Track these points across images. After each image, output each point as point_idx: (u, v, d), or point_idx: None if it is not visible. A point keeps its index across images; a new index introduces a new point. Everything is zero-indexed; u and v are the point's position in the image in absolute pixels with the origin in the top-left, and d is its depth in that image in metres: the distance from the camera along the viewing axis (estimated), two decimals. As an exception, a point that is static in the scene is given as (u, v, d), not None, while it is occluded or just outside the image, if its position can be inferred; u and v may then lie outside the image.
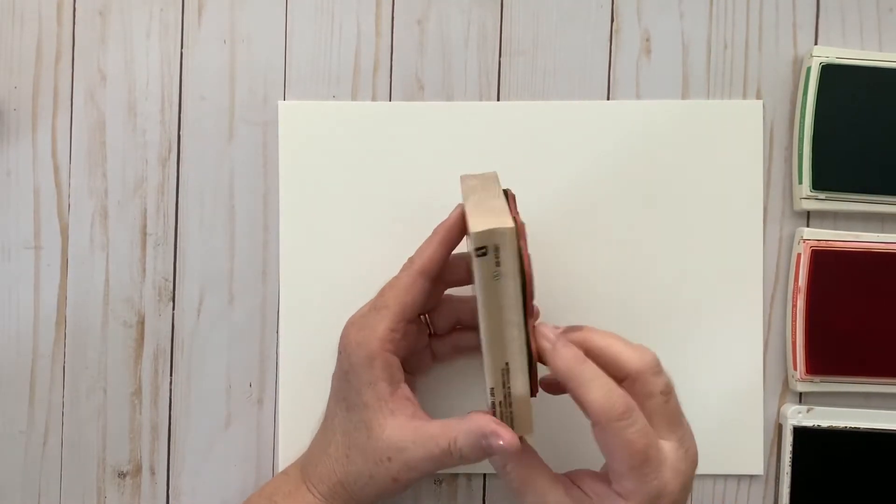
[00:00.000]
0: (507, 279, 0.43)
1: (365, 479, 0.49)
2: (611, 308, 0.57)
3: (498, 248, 0.43)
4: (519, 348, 0.44)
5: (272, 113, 0.57)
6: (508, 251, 0.43)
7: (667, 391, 0.46)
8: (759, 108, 0.57)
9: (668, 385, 0.46)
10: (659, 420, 0.46)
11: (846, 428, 0.56)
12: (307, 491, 0.51)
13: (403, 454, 0.48)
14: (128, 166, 0.57)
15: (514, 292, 0.44)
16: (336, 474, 0.50)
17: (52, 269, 0.57)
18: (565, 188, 0.57)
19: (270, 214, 0.57)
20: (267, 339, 0.57)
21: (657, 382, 0.46)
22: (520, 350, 0.44)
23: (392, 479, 0.48)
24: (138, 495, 0.57)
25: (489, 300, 0.44)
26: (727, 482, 0.57)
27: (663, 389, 0.46)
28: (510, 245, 0.43)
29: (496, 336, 0.44)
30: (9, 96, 0.57)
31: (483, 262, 0.43)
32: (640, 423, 0.44)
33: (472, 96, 0.57)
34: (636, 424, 0.44)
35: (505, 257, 0.43)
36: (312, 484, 0.51)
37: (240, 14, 0.57)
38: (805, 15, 0.57)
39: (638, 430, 0.44)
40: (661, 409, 0.46)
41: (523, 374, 0.45)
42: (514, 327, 0.44)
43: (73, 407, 0.57)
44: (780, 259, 0.57)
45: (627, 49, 0.57)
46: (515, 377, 0.45)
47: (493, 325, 0.44)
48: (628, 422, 0.44)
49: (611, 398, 0.44)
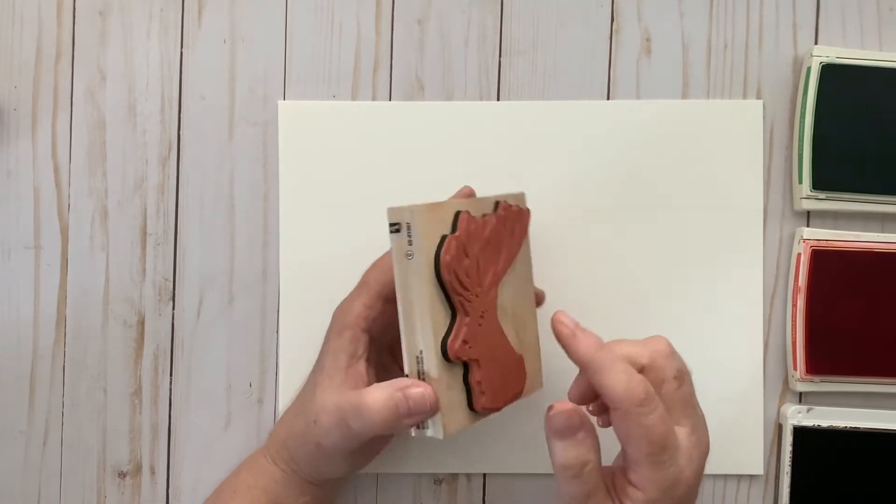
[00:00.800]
0: (419, 258, 0.45)
1: (301, 439, 0.50)
2: (610, 307, 0.57)
3: (410, 226, 0.44)
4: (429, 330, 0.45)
5: (272, 113, 0.57)
6: (419, 231, 0.44)
7: (679, 375, 0.46)
8: (759, 108, 0.57)
9: (680, 370, 0.46)
10: (673, 406, 0.46)
11: (846, 428, 0.56)
12: (261, 455, 0.53)
13: (324, 415, 0.48)
14: (128, 166, 0.57)
15: (426, 274, 0.45)
16: (282, 434, 0.52)
17: (52, 269, 0.57)
18: (565, 188, 0.56)
19: (270, 214, 0.57)
20: (267, 339, 0.57)
21: (669, 367, 0.46)
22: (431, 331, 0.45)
23: (315, 444, 0.49)
24: (138, 495, 0.57)
25: (402, 279, 0.45)
26: (727, 482, 0.57)
27: (676, 374, 0.46)
28: (421, 225, 0.44)
29: (408, 317, 0.45)
30: (9, 96, 0.57)
31: (396, 239, 0.45)
32: (659, 410, 0.44)
33: (472, 96, 0.57)
34: (656, 411, 0.44)
35: (416, 236, 0.44)
36: (266, 447, 0.53)
37: (240, 14, 0.57)
38: (805, 15, 0.57)
39: (658, 416, 0.44)
40: (675, 394, 0.46)
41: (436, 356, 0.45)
42: (424, 309, 0.45)
43: (73, 407, 0.57)
44: (780, 259, 0.57)
45: (627, 49, 0.57)
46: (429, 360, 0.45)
47: (406, 305, 0.45)
48: (649, 408, 0.44)
49: (631, 384, 0.44)
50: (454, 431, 0.46)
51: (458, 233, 0.46)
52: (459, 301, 0.46)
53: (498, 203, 0.49)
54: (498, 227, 0.49)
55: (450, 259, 0.45)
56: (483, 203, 0.49)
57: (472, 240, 0.47)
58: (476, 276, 0.47)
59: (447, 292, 0.46)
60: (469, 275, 0.46)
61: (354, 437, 0.48)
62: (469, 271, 0.46)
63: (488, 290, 0.48)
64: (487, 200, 0.49)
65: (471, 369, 0.47)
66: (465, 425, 0.47)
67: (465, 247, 0.46)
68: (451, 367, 0.46)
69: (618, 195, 0.57)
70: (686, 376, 0.46)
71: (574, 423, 0.45)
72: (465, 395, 0.47)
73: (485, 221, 0.48)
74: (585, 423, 0.45)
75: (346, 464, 0.50)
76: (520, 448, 0.56)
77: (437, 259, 0.45)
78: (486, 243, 0.48)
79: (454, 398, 0.46)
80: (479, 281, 0.47)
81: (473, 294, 0.47)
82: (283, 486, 0.52)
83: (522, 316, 0.51)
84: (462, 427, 0.47)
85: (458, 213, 0.46)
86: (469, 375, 0.47)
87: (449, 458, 0.57)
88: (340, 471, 0.51)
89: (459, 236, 0.46)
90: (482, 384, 0.47)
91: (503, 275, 0.49)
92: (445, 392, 0.46)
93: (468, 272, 0.46)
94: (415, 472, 0.57)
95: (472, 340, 0.46)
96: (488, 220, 0.48)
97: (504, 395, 0.48)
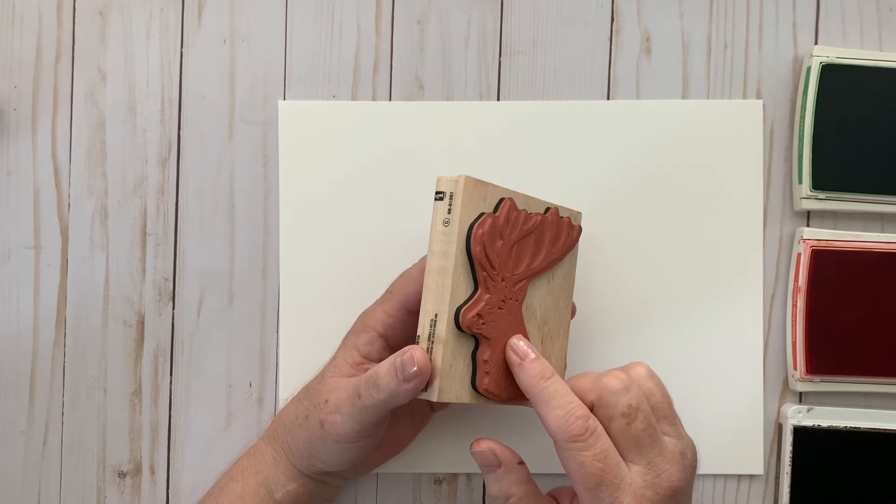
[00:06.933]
0: (454, 226, 0.46)
1: (301, 418, 0.51)
2: (610, 307, 0.57)
3: (453, 195, 0.46)
4: (448, 295, 0.46)
5: (272, 113, 0.57)
6: (460, 201, 0.46)
7: (630, 412, 0.45)
8: (759, 108, 0.57)
9: (630, 407, 0.45)
10: (623, 443, 0.45)
11: (846, 428, 0.56)
12: (261, 439, 0.54)
13: (335, 394, 0.49)
14: (128, 166, 0.57)
15: (457, 242, 0.46)
16: (283, 416, 0.53)
17: (52, 269, 0.57)
18: (565, 188, 0.56)
19: (270, 214, 0.57)
20: (267, 339, 0.57)
21: (617, 404, 0.45)
22: (448, 302, 0.46)
23: (319, 423, 0.49)
24: (138, 495, 0.57)
25: (433, 244, 0.47)
26: (727, 482, 0.57)
27: (624, 412, 0.45)
28: (464, 197, 0.46)
29: (432, 281, 0.47)
30: (9, 96, 0.57)
31: (438, 206, 0.47)
32: (597, 447, 0.44)
33: (472, 96, 0.57)
34: (593, 448, 0.44)
35: (456, 205, 0.46)
36: (266, 432, 0.54)
37: (240, 14, 0.57)
38: (805, 15, 0.57)
39: (594, 453, 0.44)
40: (624, 431, 0.45)
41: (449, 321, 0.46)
42: (448, 275, 0.46)
43: (72, 407, 0.57)
44: (780, 259, 0.57)
45: (627, 49, 0.57)
46: (441, 324, 0.46)
47: (431, 269, 0.47)
48: (583, 444, 0.44)
49: (568, 419, 0.44)
50: (448, 398, 0.46)
51: (497, 214, 0.47)
52: (484, 277, 0.47)
53: (549, 208, 0.50)
54: (541, 228, 0.50)
55: (482, 233, 0.46)
56: (535, 202, 0.50)
57: (510, 226, 0.48)
58: (506, 262, 0.48)
59: (473, 266, 0.46)
60: (499, 256, 0.47)
61: (362, 410, 0.48)
62: (500, 253, 0.47)
63: (517, 281, 0.48)
64: (541, 202, 0.50)
65: (480, 346, 0.47)
66: (463, 399, 0.47)
67: (500, 230, 0.47)
68: (461, 337, 0.47)
69: (617, 195, 0.57)
70: (639, 413, 0.45)
71: (489, 462, 0.47)
72: (471, 371, 0.47)
73: (529, 216, 0.49)
74: (505, 460, 0.47)
75: (339, 454, 0.50)
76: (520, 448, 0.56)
77: (470, 231, 0.46)
78: (524, 235, 0.49)
79: (458, 369, 0.47)
80: (508, 267, 0.48)
81: (500, 276, 0.47)
82: (274, 468, 0.52)
83: (553, 328, 0.52)
84: (459, 399, 0.47)
85: (503, 199, 0.48)
86: (478, 351, 0.47)
87: (449, 458, 0.57)
88: (332, 460, 0.50)
89: (497, 217, 0.47)
90: (489, 364, 0.47)
91: (536, 274, 0.50)
92: (450, 358, 0.46)
93: (499, 253, 0.47)
94: (415, 472, 0.57)
95: (488, 319, 0.47)
96: (533, 216, 0.49)
97: (510, 388, 0.49)
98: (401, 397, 0.46)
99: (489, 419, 0.56)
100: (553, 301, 0.51)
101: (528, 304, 0.50)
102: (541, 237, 0.50)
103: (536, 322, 0.50)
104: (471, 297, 0.47)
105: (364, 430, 0.49)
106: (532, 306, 0.50)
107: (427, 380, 0.46)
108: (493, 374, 0.48)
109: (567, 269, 0.52)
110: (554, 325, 0.52)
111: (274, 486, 0.52)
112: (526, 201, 0.49)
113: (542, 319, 0.51)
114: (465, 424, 0.56)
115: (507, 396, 0.49)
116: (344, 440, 0.49)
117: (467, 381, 0.47)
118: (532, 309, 0.50)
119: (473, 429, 0.56)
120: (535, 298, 0.50)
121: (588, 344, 0.56)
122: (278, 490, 0.52)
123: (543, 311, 0.51)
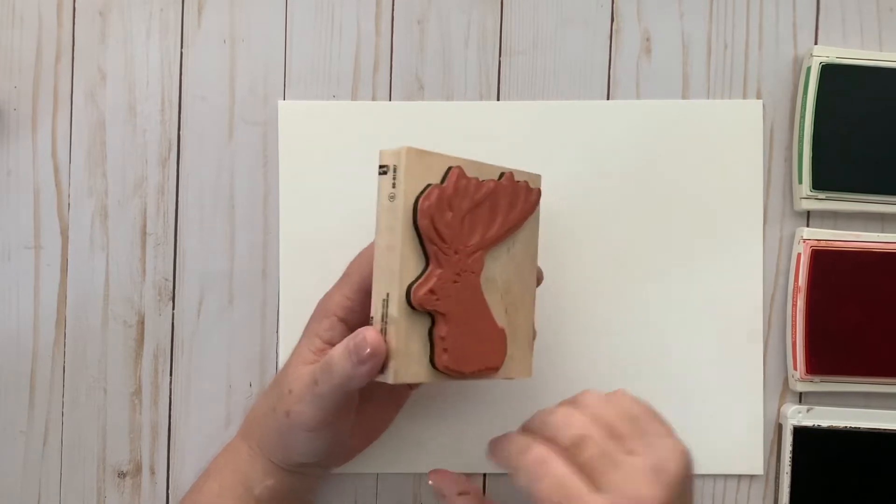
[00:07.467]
0: (399, 202, 0.45)
1: (269, 410, 0.51)
2: (608, 308, 0.57)
3: (396, 168, 0.45)
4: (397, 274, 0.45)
5: (272, 113, 0.57)
6: (405, 175, 0.45)
7: (577, 442, 0.44)
8: (759, 108, 0.57)
9: (576, 437, 0.44)
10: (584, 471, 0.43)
11: (846, 428, 0.56)
12: (237, 436, 0.54)
13: (297, 382, 0.49)
14: (128, 166, 0.57)
15: (403, 218, 0.45)
16: (254, 411, 0.53)
17: (52, 269, 0.57)
18: (565, 188, 0.56)
19: (270, 214, 0.57)
20: (267, 339, 0.57)
21: (562, 437, 0.44)
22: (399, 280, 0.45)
23: (285, 413, 0.49)
24: (138, 495, 0.57)
25: (380, 221, 0.46)
26: (727, 482, 0.57)
27: (570, 444, 0.44)
28: (408, 169, 0.45)
29: (381, 260, 0.46)
30: (9, 96, 0.57)
31: (382, 181, 0.46)
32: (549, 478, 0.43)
33: (472, 96, 0.57)
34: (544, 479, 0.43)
35: (401, 180, 0.45)
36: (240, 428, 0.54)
37: (240, 14, 0.57)
38: (805, 15, 0.57)
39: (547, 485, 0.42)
40: (578, 461, 0.43)
41: (400, 300, 0.45)
42: (396, 253, 0.45)
43: (72, 407, 0.57)
44: (780, 259, 0.57)
45: (627, 49, 0.57)
46: (393, 303, 0.45)
47: (381, 248, 0.46)
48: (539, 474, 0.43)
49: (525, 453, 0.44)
50: (405, 379, 0.45)
51: (445, 185, 0.46)
52: (434, 252, 0.46)
53: (503, 174, 0.49)
54: (495, 194, 0.48)
55: (428, 206, 0.45)
56: (487, 168, 0.49)
57: (460, 196, 0.46)
58: (458, 233, 0.47)
59: (422, 241, 0.45)
60: (450, 228, 0.46)
61: (322, 396, 0.47)
62: (451, 225, 0.46)
63: (471, 252, 0.47)
64: (494, 168, 0.49)
65: (436, 322, 0.46)
66: (421, 378, 0.46)
67: (449, 200, 0.46)
68: (415, 315, 0.46)
69: (617, 195, 0.57)
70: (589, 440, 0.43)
71: (440, 493, 0.50)
72: (429, 349, 0.46)
73: (480, 183, 0.48)
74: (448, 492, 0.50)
75: (310, 443, 0.49)
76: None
77: (416, 204, 0.45)
78: (476, 205, 0.47)
79: (413, 348, 0.46)
80: (461, 239, 0.47)
81: (452, 249, 0.46)
82: (250, 464, 0.52)
83: (516, 297, 0.50)
84: (417, 379, 0.46)
85: (451, 168, 0.46)
86: (434, 328, 0.46)
87: (449, 458, 0.57)
88: (304, 450, 0.50)
89: (445, 188, 0.46)
90: (446, 341, 0.46)
91: (493, 244, 0.48)
92: (404, 338, 0.45)
93: (449, 225, 0.46)
94: (415, 472, 0.57)
95: (442, 294, 0.46)
96: (485, 183, 0.48)
97: (473, 362, 0.48)
98: (357, 381, 0.46)
99: (490, 419, 0.56)
100: (515, 269, 0.50)
101: (487, 275, 0.48)
102: (495, 204, 0.48)
103: (498, 292, 0.49)
104: (422, 273, 0.46)
105: (328, 416, 0.48)
106: (492, 277, 0.49)
107: (382, 361, 0.45)
108: (452, 350, 0.46)
109: (529, 235, 0.51)
110: (517, 293, 0.50)
111: (252, 482, 0.51)
112: (478, 168, 0.48)
113: (504, 289, 0.50)
114: (466, 424, 0.56)
115: (469, 371, 0.48)
116: (310, 428, 0.49)
117: (425, 359, 0.46)
118: (492, 279, 0.49)
119: (474, 429, 0.56)
120: (494, 268, 0.49)
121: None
122: (256, 486, 0.51)
123: (505, 280, 0.49)
